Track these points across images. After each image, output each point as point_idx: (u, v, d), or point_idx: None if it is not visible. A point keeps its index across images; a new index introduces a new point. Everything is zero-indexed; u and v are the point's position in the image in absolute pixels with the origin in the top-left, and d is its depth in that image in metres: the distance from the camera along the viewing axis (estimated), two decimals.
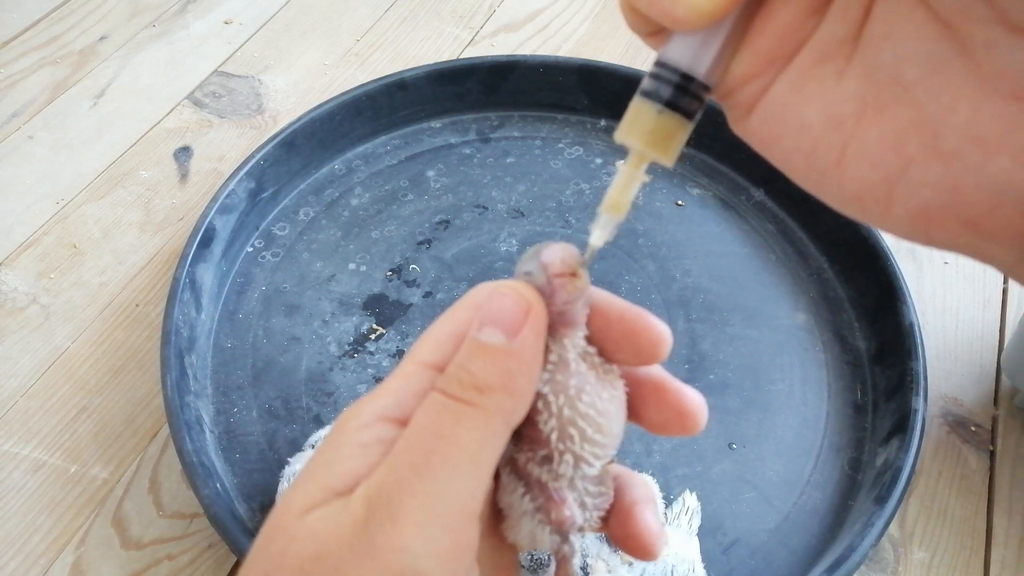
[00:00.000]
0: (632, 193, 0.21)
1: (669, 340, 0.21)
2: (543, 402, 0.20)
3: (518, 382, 0.19)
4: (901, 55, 0.17)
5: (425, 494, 0.18)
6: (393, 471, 0.18)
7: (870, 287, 0.53)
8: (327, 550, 0.17)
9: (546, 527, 0.21)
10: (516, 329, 0.19)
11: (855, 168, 0.18)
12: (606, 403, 0.21)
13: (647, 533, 0.22)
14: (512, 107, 0.65)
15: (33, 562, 0.43)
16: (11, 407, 0.49)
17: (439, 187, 0.60)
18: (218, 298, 0.53)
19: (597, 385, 0.21)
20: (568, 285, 0.20)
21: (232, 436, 0.47)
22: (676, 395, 0.22)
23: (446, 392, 0.19)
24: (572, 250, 0.21)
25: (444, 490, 0.18)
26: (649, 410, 0.22)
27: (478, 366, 0.19)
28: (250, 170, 0.55)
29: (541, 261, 0.20)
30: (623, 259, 0.56)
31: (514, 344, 0.19)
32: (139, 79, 0.68)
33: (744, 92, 0.19)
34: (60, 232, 0.58)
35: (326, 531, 0.18)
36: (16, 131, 0.64)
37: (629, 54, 0.72)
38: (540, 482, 0.21)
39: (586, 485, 0.22)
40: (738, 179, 0.61)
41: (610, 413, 0.21)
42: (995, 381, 0.53)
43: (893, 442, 0.46)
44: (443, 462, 0.18)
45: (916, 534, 0.46)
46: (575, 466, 0.21)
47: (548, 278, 0.20)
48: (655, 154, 0.20)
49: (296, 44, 0.72)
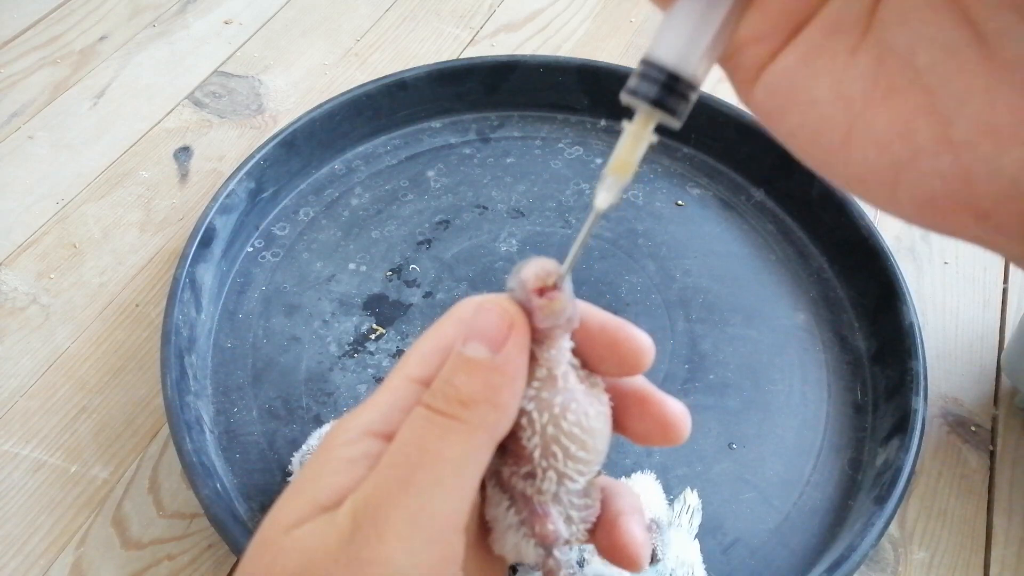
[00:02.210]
0: (639, 154, 0.20)
1: (651, 350, 0.21)
2: (527, 419, 0.20)
3: (502, 396, 0.19)
4: (915, 40, 0.17)
5: (410, 507, 0.18)
6: (378, 485, 0.18)
7: (870, 287, 0.53)
8: (313, 564, 0.17)
9: (531, 540, 0.21)
10: (500, 343, 0.19)
11: (861, 150, 0.18)
12: (592, 420, 0.21)
13: (632, 544, 0.22)
14: (512, 107, 0.65)
15: (33, 562, 0.43)
16: (11, 407, 0.49)
17: (439, 187, 0.60)
18: (218, 298, 0.53)
19: (584, 401, 0.21)
20: (545, 308, 0.20)
21: (232, 436, 0.47)
22: (659, 406, 0.22)
23: (431, 406, 0.19)
24: (550, 266, 0.21)
25: (428, 503, 0.18)
26: (632, 421, 0.22)
27: (462, 380, 0.19)
28: (250, 170, 0.55)
29: (520, 278, 0.20)
30: (623, 259, 0.56)
31: (498, 358, 0.19)
32: (139, 79, 0.68)
33: (749, 54, 0.19)
34: (60, 232, 0.58)
35: (312, 545, 0.18)
36: (16, 131, 0.64)
37: (629, 54, 0.72)
38: (524, 496, 0.21)
39: (571, 499, 0.22)
40: (738, 179, 0.61)
41: (595, 430, 0.21)
42: (995, 381, 0.53)
43: (893, 442, 0.46)
44: (427, 476, 0.18)
45: (916, 534, 0.46)
46: (559, 483, 0.21)
47: (528, 296, 0.20)
48: (662, 113, 0.20)
49: (296, 44, 0.72)
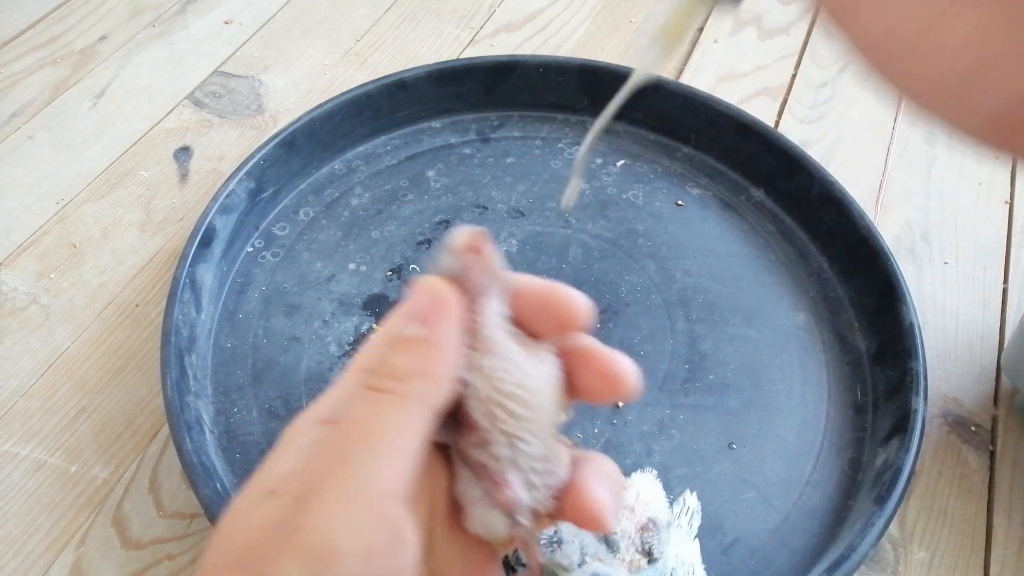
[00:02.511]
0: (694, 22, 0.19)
1: (585, 306, 0.22)
2: (468, 386, 0.21)
3: (434, 366, 0.20)
4: None
5: (345, 478, 0.18)
6: (318, 462, 0.19)
7: (870, 287, 0.53)
8: (257, 540, 0.18)
9: (497, 511, 0.22)
10: (429, 318, 0.20)
11: (937, 52, 0.17)
12: (531, 378, 0.21)
13: (592, 501, 0.22)
14: (512, 107, 0.65)
15: (33, 562, 0.43)
16: (11, 407, 0.49)
17: (439, 187, 0.60)
18: (218, 298, 0.53)
19: (521, 360, 0.21)
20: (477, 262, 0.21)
21: (232, 436, 0.47)
22: (604, 360, 0.23)
23: (369, 385, 0.20)
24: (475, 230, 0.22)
25: (363, 472, 0.18)
26: (581, 379, 0.23)
27: (396, 357, 0.20)
28: (250, 170, 0.55)
29: (449, 246, 0.21)
30: (623, 259, 0.56)
31: (427, 332, 0.20)
32: (139, 79, 0.68)
33: None
34: (60, 232, 0.58)
35: (256, 524, 0.18)
36: (16, 131, 0.64)
37: (629, 54, 0.72)
38: (482, 465, 0.22)
39: (532, 464, 0.22)
40: (738, 179, 0.61)
41: (535, 388, 0.21)
42: (995, 381, 0.53)
43: (893, 442, 0.46)
44: (363, 448, 0.19)
45: (916, 534, 0.46)
46: (510, 445, 0.21)
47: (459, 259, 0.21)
48: None
49: (296, 44, 0.72)
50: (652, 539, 0.40)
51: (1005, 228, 0.62)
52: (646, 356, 0.51)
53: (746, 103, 0.67)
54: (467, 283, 0.21)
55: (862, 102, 0.70)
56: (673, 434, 0.48)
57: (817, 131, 0.67)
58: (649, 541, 0.40)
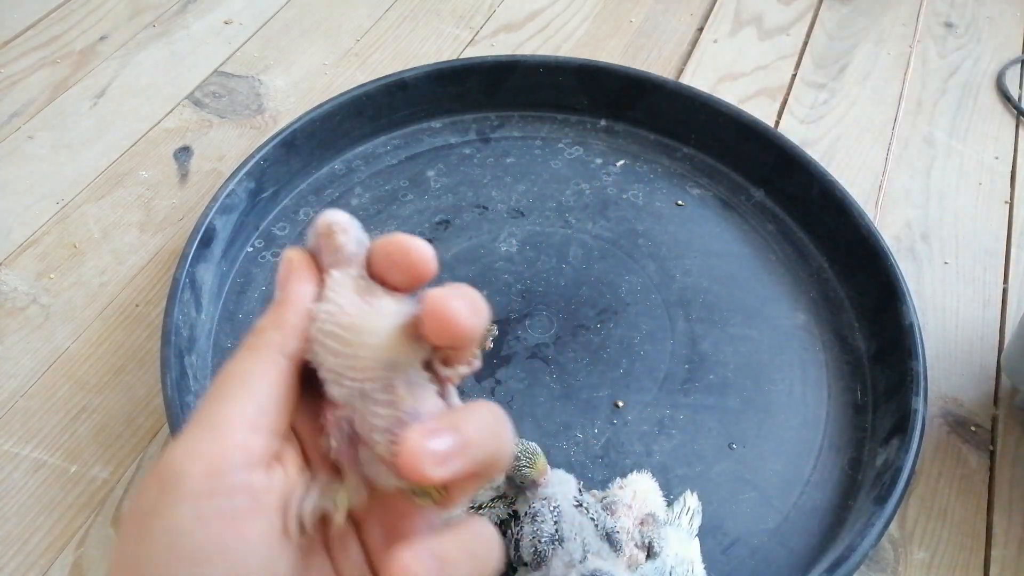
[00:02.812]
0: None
1: (425, 252, 0.23)
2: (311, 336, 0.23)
3: (282, 317, 0.23)
4: None
5: (201, 416, 0.22)
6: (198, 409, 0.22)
7: (870, 287, 0.53)
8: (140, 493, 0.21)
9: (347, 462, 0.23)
10: (282, 282, 0.24)
11: None
12: (349, 317, 0.23)
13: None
14: (512, 107, 0.65)
15: (33, 562, 0.43)
16: (11, 407, 0.49)
17: (439, 187, 0.60)
18: (218, 298, 0.53)
19: (343, 301, 0.23)
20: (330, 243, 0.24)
21: None
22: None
23: (242, 344, 0.23)
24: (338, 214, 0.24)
25: (216, 410, 0.22)
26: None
27: (260, 319, 0.24)
28: (250, 170, 0.55)
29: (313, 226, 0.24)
30: (623, 259, 0.56)
31: (280, 292, 0.24)
32: (139, 79, 0.68)
33: None
34: (60, 232, 0.58)
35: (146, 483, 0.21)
36: (16, 131, 0.64)
37: (629, 54, 0.72)
38: (334, 421, 0.23)
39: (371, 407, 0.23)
40: (738, 179, 0.61)
41: (353, 325, 0.23)
42: (995, 381, 0.53)
43: (893, 442, 0.46)
44: (219, 392, 0.22)
45: (916, 534, 0.46)
46: (337, 383, 0.22)
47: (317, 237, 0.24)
48: None
49: (296, 44, 0.72)
50: (651, 533, 0.40)
51: (1005, 228, 0.62)
52: (646, 356, 0.51)
53: (746, 103, 0.67)
54: (320, 256, 0.24)
55: (862, 102, 0.70)
56: (673, 434, 0.48)
57: (817, 131, 0.67)
58: (648, 535, 0.39)
